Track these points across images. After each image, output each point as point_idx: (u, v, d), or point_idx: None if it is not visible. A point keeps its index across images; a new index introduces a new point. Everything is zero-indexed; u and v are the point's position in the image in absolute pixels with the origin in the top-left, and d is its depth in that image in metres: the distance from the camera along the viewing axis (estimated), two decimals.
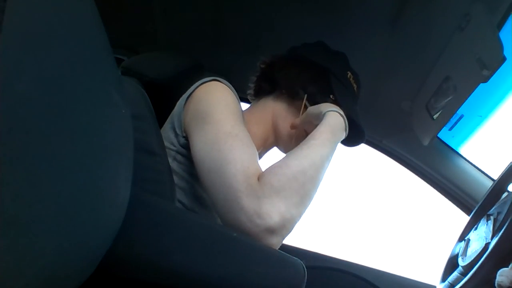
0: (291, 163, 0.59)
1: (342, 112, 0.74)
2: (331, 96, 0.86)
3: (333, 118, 0.71)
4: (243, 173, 0.56)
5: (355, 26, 1.03)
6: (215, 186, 0.58)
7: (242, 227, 0.54)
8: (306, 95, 0.85)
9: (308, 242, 1.42)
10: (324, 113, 0.73)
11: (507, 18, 0.84)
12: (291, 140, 0.87)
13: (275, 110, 0.88)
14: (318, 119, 0.73)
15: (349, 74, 0.90)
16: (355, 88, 0.92)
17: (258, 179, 0.57)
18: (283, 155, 0.91)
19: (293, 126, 0.84)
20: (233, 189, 0.55)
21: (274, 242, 0.55)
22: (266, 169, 0.59)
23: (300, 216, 0.58)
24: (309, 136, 0.67)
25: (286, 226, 0.55)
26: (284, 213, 0.54)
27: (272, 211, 0.54)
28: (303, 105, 0.85)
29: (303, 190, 0.57)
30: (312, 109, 0.77)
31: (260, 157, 0.92)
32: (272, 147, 0.93)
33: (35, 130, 0.23)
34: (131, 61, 0.86)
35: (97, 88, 0.31)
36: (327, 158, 0.64)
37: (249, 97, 0.97)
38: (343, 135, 0.73)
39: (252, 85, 0.95)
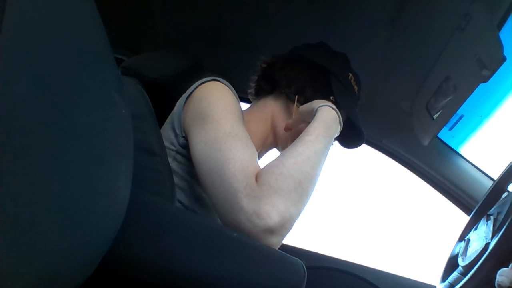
0: (287, 162, 0.59)
1: (334, 106, 0.73)
2: (331, 98, 0.86)
3: (325, 113, 0.71)
4: (243, 172, 0.56)
5: (355, 26, 1.03)
6: (215, 186, 0.58)
7: (242, 227, 0.54)
8: (297, 96, 0.85)
9: (308, 242, 1.42)
10: (316, 109, 0.72)
11: (507, 18, 0.84)
12: (289, 139, 0.87)
13: (274, 110, 0.88)
14: (311, 116, 0.73)
15: (350, 75, 0.90)
16: (356, 90, 0.92)
17: (256, 179, 0.57)
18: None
19: (287, 128, 0.83)
20: (232, 189, 0.55)
21: (274, 242, 0.55)
22: (263, 169, 0.59)
23: (298, 215, 0.58)
24: (303, 132, 0.67)
25: (285, 226, 0.55)
26: (283, 213, 0.54)
27: (271, 211, 0.54)
28: (295, 106, 0.85)
29: (300, 188, 0.57)
30: (303, 107, 0.77)
31: (259, 157, 0.92)
32: (272, 147, 0.92)
33: (35, 130, 0.23)
34: (131, 61, 0.86)
35: (97, 88, 0.31)
36: (322, 153, 0.64)
37: (249, 97, 0.97)
38: (338, 129, 0.72)
39: (252, 85, 0.95)
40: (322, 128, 0.67)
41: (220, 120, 0.64)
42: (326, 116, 0.70)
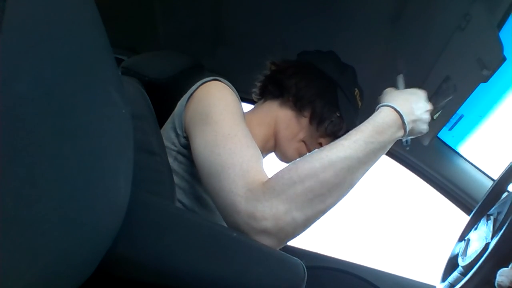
0: (302, 166, 0.56)
1: (400, 108, 0.66)
2: (337, 113, 0.86)
3: (382, 115, 0.65)
4: (242, 177, 0.56)
5: (356, 25, 1.03)
6: (215, 190, 0.58)
7: (241, 229, 0.54)
8: (311, 113, 0.84)
9: (308, 242, 1.42)
10: (377, 109, 0.68)
11: (507, 18, 0.84)
12: (290, 150, 0.87)
13: (279, 117, 0.87)
14: None
15: (356, 91, 0.90)
16: (359, 106, 0.92)
17: (264, 182, 0.56)
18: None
19: None
20: (232, 194, 0.55)
21: (272, 244, 0.54)
22: (275, 173, 0.58)
23: (308, 220, 0.56)
24: (346, 134, 0.62)
25: (284, 229, 0.54)
26: (282, 216, 0.54)
27: (267, 213, 0.53)
28: (309, 121, 0.85)
29: (311, 194, 0.55)
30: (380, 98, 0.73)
31: None
32: (271, 151, 0.92)
33: (35, 130, 0.23)
34: (131, 61, 0.86)
35: (97, 88, 0.31)
36: (358, 160, 0.58)
37: (253, 95, 0.97)
38: (396, 134, 0.66)
39: (258, 84, 0.94)
40: (369, 132, 0.61)
41: (219, 121, 0.64)
42: (381, 119, 0.64)
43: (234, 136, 0.61)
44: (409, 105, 0.69)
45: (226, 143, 0.60)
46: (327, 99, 0.86)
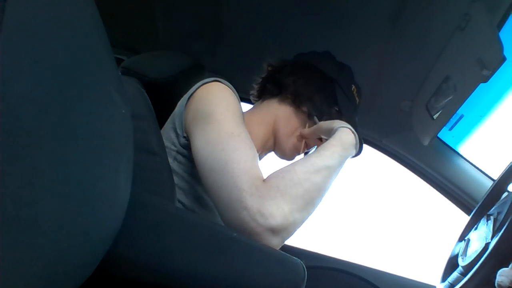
0: (299, 169, 0.60)
1: (354, 130, 0.75)
2: (335, 108, 0.88)
3: (345, 134, 0.72)
4: (247, 173, 0.56)
5: (355, 26, 1.03)
6: (217, 185, 0.58)
7: (244, 226, 0.54)
8: (310, 108, 0.87)
9: (308, 242, 1.42)
10: (337, 129, 0.74)
11: (507, 18, 0.84)
12: (288, 146, 0.88)
13: (278, 114, 0.88)
14: (328, 134, 0.75)
15: (353, 87, 0.92)
16: (357, 102, 0.94)
17: (265, 181, 0.57)
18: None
19: (301, 136, 0.85)
20: (237, 188, 0.55)
21: (274, 243, 0.55)
22: (273, 173, 0.60)
23: (302, 221, 0.59)
24: (320, 146, 0.69)
25: (287, 229, 0.55)
26: (287, 216, 0.55)
27: (275, 211, 0.54)
28: (307, 117, 0.87)
29: (308, 196, 0.58)
30: (323, 124, 0.79)
31: (259, 159, 0.92)
32: (271, 150, 0.93)
33: (35, 130, 0.23)
34: (131, 61, 0.85)
35: (97, 88, 0.31)
36: (334, 170, 0.65)
37: (251, 98, 0.97)
38: (353, 152, 0.74)
39: (256, 86, 0.95)
40: (339, 147, 0.69)
41: (222, 120, 0.64)
42: (345, 137, 0.72)
43: (237, 136, 0.62)
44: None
45: (229, 140, 0.61)
46: (325, 95, 0.88)
